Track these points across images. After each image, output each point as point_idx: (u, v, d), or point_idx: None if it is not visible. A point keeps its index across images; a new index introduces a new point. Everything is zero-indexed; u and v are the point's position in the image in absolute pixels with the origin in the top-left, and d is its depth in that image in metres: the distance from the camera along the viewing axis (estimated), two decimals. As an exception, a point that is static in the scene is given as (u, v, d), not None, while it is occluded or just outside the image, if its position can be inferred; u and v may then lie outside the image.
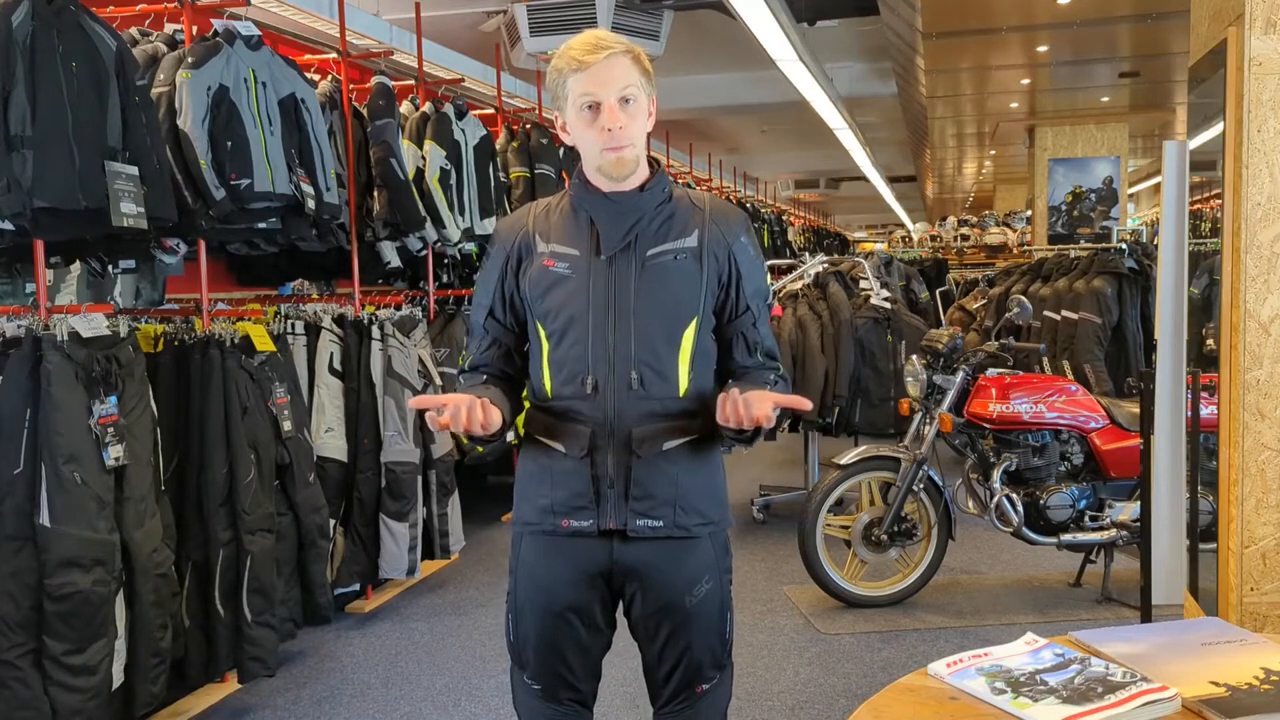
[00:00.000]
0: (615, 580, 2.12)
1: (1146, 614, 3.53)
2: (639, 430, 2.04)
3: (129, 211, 3.23)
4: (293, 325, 4.48)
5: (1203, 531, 3.39)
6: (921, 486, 4.69)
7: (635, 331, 2.04)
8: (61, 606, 3.04)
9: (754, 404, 1.91)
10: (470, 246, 6.02)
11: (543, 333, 2.09)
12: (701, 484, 2.11)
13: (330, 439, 4.52)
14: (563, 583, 2.10)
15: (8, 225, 3.13)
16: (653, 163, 2.13)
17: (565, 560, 2.10)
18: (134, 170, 3.28)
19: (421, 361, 5.03)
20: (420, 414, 4.83)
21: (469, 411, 1.94)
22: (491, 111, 6.93)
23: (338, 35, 5.21)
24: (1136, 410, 4.04)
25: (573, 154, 2.27)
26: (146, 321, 3.95)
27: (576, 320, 2.04)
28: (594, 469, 2.05)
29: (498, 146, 6.38)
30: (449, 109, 5.72)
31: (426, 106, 5.64)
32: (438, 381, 5.13)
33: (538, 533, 2.12)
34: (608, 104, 2.00)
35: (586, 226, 2.08)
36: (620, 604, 2.18)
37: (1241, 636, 1.79)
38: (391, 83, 5.22)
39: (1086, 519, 4.65)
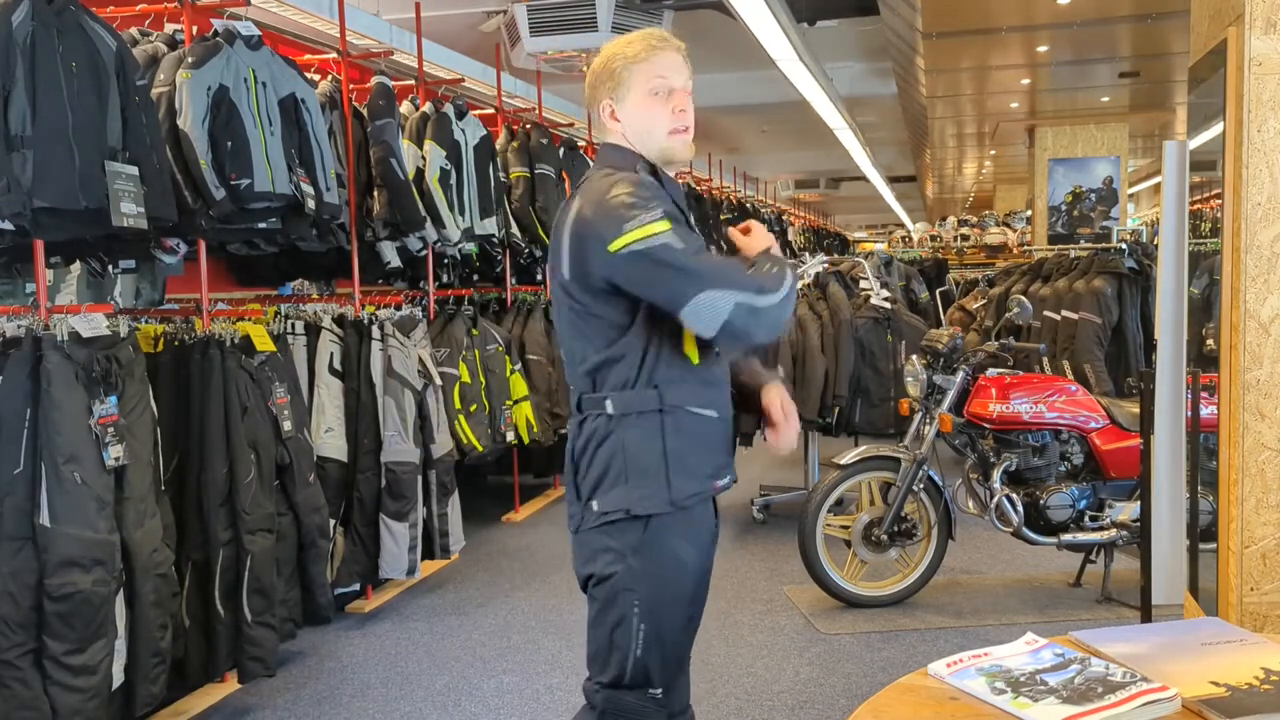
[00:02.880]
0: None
1: (1146, 614, 3.53)
2: (733, 387, 2.26)
3: (129, 211, 3.23)
4: (293, 325, 4.48)
5: (1203, 531, 3.39)
6: (921, 486, 4.69)
7: None
8: (61, 606, 3.04)
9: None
10: (470, 246, 6.02)
11: None
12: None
13: (330, 439, 4.52)
14: (706, 554, 2.18)
15: (8, 225, 3.13)
16: None
17: (705, 529, 2.19)
18: (134, 170, 3.28)
19: (421, 361, 5.03)
20: (421, 414, 4.85)
21: None
22: (491, 111, 6.92)
23: (338, 35, 5.21)
24: (1136, 410, 4.04)
25: (573, 154, 2.30)
26: (146, 321, 3.95)
27: None
28: (729, 427, 2.21)
29: (498, 146, 6.38)
30: (449, 109, 5.72)
31: (426, 106, 5.64)
32: (438, 382, 5.13)
33: (696, 504, 2.15)
34: (680, 88, 2.17)
35: (674, 205, 2.17)
36: None
37: (1241, 636, 1.79)
38: (391, 83, 5.22)
39: (1086, 519, 4.65)
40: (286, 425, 3.97)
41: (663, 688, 2.14)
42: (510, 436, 5.88)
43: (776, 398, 2.35)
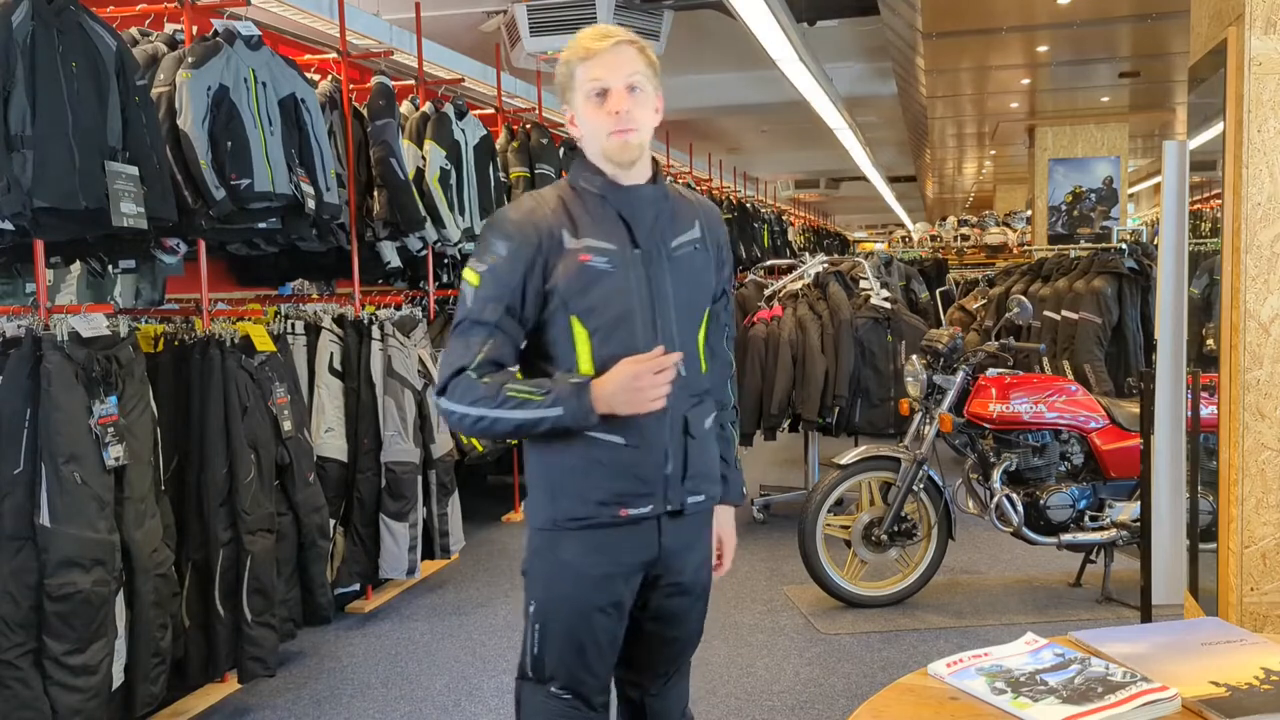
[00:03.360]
0: (657, 564, 2.16)
1: (1146, 614, 3.53)
2: (691, 413, 2.14)
3: (129, 211, 3.23)
4: (293, 325, 4.48)
5: (1203, 531, 3.39)
6: (921, 486, 4.69)
7: (676, 321, 2.11)
8: (61, 606, 3.04)
9: (729, 549, 2.33)
10: (470, 246, 6.02)
11: (582, 330, 2.06)
12: (718, 453, 2.27)
13: (330, 439, 4.52)
14: (608, 577, 2.12)
15: (8, 225, 3.13)
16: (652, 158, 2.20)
17: (614, 551, 2.11)
18: (134, 170, 3.28)
19: (421, 361, 5.03)
20: (421, 414, 4.85)
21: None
22: (491, 111, 6.92)
23: (338, 35, 5.21)
24: (1136, 410, 4.04)
25: (573, 154, 2.27)
26: (146, 321, 3.95)
27: (626, 315, 2.06)
28: (654, 454, 2.09)
29: (498, 146, 6.38)
30: (449, 109, 5.72)
31: (426, 106, 5.64)
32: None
33: (584, 527, 2.10)
34: (616, 88, 2.06)
35: (615, 219, 2.10)
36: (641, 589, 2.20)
37: (1241, 636, 1.79)
38: (391, 83, 5.22)
39: (1086, 519, 4.65)
40: (286, 425, 3.97)
41: (566, 687, 2.15)
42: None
43: (719, 529, 2.31)
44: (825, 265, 6.64)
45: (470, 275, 2.08)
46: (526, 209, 2.12)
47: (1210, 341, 3.76)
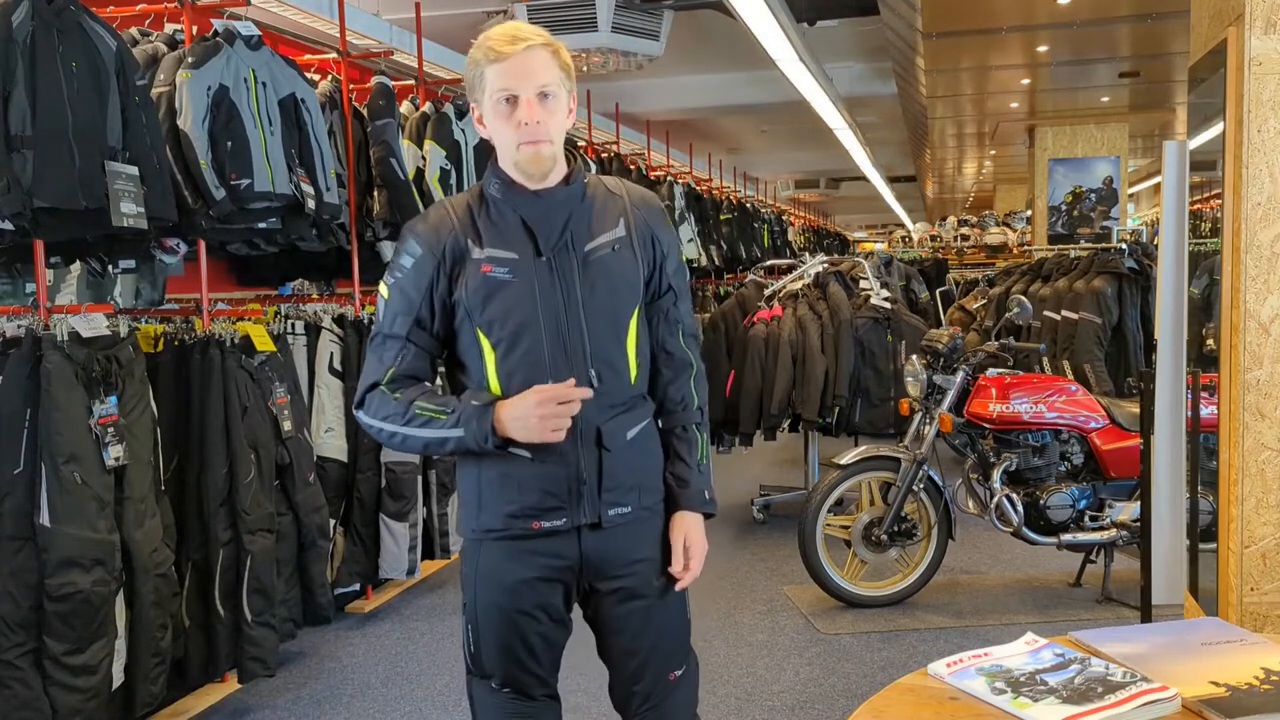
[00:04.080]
0: (585, 572, 2.11)
1: (1146, 614, 3.53)
2: (607, 425, 2.04)
3: (129, 211, 3.23)
4: (293, 325, 4.48)
5: (1203, 531, 3.39)
6: (921, 486, 4.69)
7: (588, 329, 2.03)
8: (61, 606, 3.04)
9: (694, 556, 2.14)
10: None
11: (486, 341, 2.02)
12: (655, 463, 2.15)
13: (330, 439, 4.52)
14: (528, 581, 2.08)
15: (8, 225, 3.13)
16: (569, 155, 2.09)
17: (532, 558, 2.07)
18: (134, 170, 3.29)
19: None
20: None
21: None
22: (491, 111, 6.91)
23: (338, 35, 5.21)
24: (1136, 410, 4.04)
25: (573, 154, 2.24)
26: (146, 321, 3.95)
27: (528, 325, 2.00)
28: (566, 468, 2.03)
29: (498, 146, 6.36)
30: (449, 109, 5.72)
31: (426, 106, 5.64)
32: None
33: (503, 538, 2.08)
34: (525, 98, 1.96)
35: (519, 227, 2.03)
36: (587, 597, 2.16)
37: (1241, 636, 1.79)
38: (391, 83, 5.22)
39: (1086, 519, 4.65)
40: (286, 425, 3.97)
41: (504, 684, 2.13)
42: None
43: (681, 535, 2.14)
44: (825, 265, 6.64)
45: (382, 288, 2.07)
46: (434, 220, 2.07)
47: (1210, 341, 3.76)
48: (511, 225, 2.04)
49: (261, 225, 4.04)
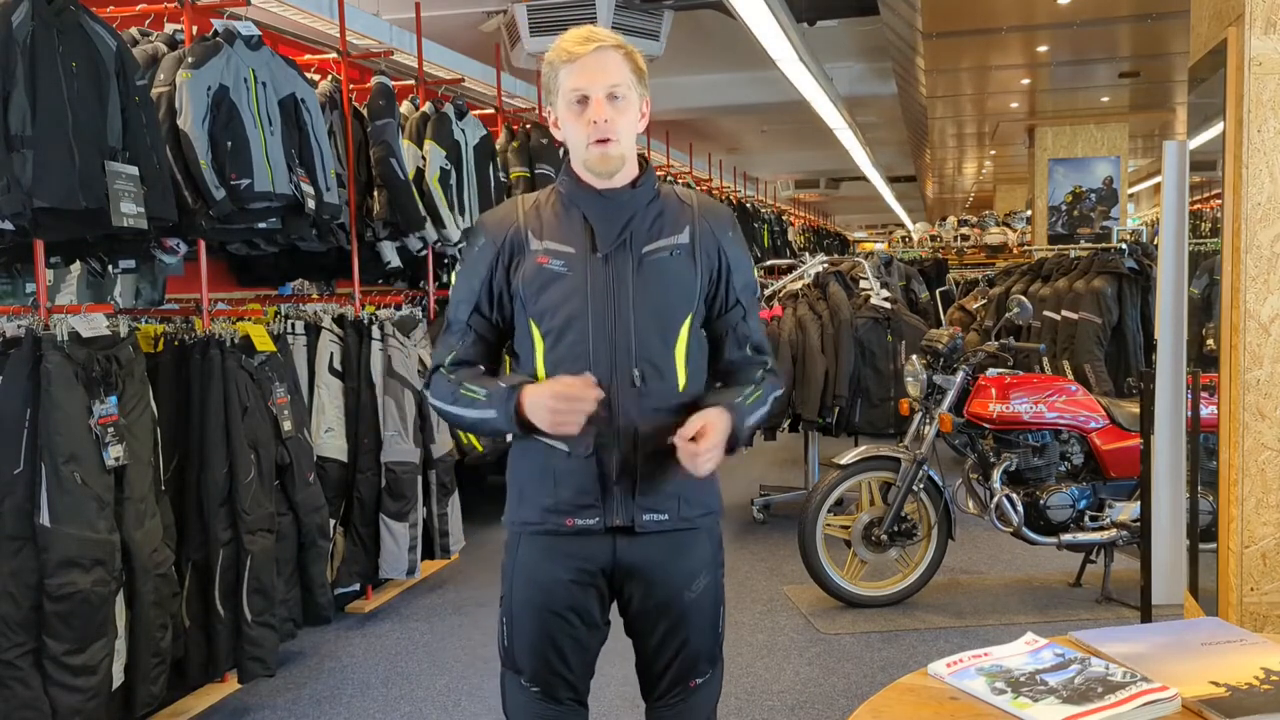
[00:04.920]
0: (616, 577, 2.12)
1: (1146, 614, 3.53)
2: (644, 427, 2.04)
3: (129, 211, 3.23)
4: (293, 325, 4.47)
5: (1203, 531, 3.39)
6: (921, 486, 4.69)
7: (635, 328, 2.04)
8: (61, 606, 3.04)
9: (708, 434, 1.97)
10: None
11: (537, 331, 2.07)
12: (702, 477, 2.11)
13: (330, 439, 4.52)
14: (562, 583, 2.09)
15: (8, 225, 3.13)
16: (642, 161, 2.14)
17: (567, 559, 2.09)
18: (134, 170, 3.29)
19: (421, 361, 5.02)
20: (421, 414, 4.85)
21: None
22: (491, 111, 6.92)
23: (338, 35, 5.21)
24: (1136, 410, 4.04)
25: (571, 153, 2.27)
26: (146, 321, 3.95)
27: (576, 319, 2.03)
28: (600, 466, 2.05)
29: (498, 146, 6.38)
30: (449, 109, 5.72)
31: (426, 106, 5.64)
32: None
33: (539, 533, 2.11)
34: (595, 98, 2.02)
35: (580, 224, 2.08)
36: (617, 600, 2.17)
37: (1241, 636, 1.79)
38: (391, 83, 5.22)
39: (1086, 519, 4.65)
40: (286, 425, 3.97)
41: (532, 682, 2.14)
42: (510, 436, 5.87)
43: (702, 419, 2.00)
44: (825, 265, 6.64)
45: (455, 276, 2.14)
46: (502, 212, 2.16)
47: (1210, 341, 3.76)
48: (573, 221, 2.09)
49: (261, 225, 4.04)
